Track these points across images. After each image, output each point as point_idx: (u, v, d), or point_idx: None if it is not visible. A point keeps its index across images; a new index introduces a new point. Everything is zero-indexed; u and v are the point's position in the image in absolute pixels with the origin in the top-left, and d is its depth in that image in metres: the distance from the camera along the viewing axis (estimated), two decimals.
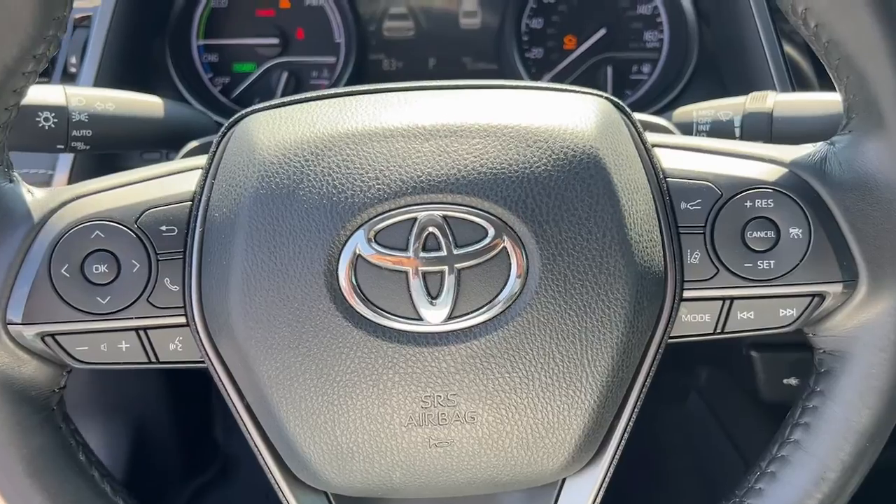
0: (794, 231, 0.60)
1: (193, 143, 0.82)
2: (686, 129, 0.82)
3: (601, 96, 0.62)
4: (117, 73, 0.99)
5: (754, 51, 1.03)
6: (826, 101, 0.76)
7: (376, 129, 0.57)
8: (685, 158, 0.62)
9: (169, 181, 0.61)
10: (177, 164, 0.63)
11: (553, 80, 1.20)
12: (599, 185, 0.57)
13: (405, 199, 0.56)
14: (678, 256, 0.60)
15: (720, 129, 0.79)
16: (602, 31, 1.18)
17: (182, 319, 0.58)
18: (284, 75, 1.16)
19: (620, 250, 0.57)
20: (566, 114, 0.59)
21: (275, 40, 1.15)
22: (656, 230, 0.60)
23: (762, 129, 0.76)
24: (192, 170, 0.62)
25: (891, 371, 0.59)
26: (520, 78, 1.16)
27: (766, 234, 0.60)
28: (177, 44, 1.13)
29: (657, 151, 0.63)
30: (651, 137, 0.64)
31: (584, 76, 1.20)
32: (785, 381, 1.16)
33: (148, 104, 0.85)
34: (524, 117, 0.58)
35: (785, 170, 0.61)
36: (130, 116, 0.82)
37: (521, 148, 0.57)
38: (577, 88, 0.59)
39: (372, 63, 1.20)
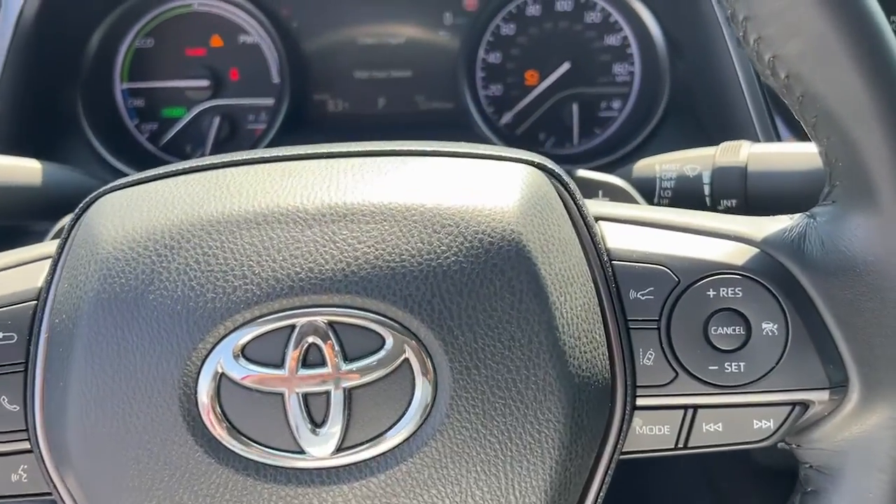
0: (768, 326, 0.49)
1: (67, 219, 0.71)
2: (648, 185, 0.71)
3: (530, 162, 0.51)
4: (12, 133, 0.88)
5: (730, 84, 0.92)
6: (811, 154, 0.65)
7: (246, 214, 0.47)
8: (635, 236, 0.51)
9: (9, 275, 0.50)
10: (24, 252, 0.52)
11: (515, 118, 1.10)
12: (524, 278, 0.46)
13: (280, 301, 0.45)
14: (628, 358, 0.50)
15: (686, 187, 0.68)
16: (566, 66, 1.07)
17: (26, 445, 0.48)
18: (217, 120, 1.06)
19: (552, 358, 0.46)
20: (483, 188, 0.48)
21: (205, 82, 1.05)
22: (599, 328, 0.49)
23: (735, 186, 0.66)
24: (42, 259, 0.51)
25: (890, 495, 0.48)
26: (478, 117, 1.05)
27: (734, 329, 0.49)
28: (93, 90, 1.02)
29: (602, 227, 0.52)
30: (594, 208, 0.53)
31: (549, 114, 1.10)
32: (779, 444, 1.05)
33: (19, 169, 0.74)
34: (431, 195, 0.47)
35: (755, 250, 0.50)
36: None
37: (427, 234, 0.46)
38: (500, 152, 0.48)
39: (315, 104, 1.10)
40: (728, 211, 0.67)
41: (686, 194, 0.69)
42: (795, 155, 0.66)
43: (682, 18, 1.01)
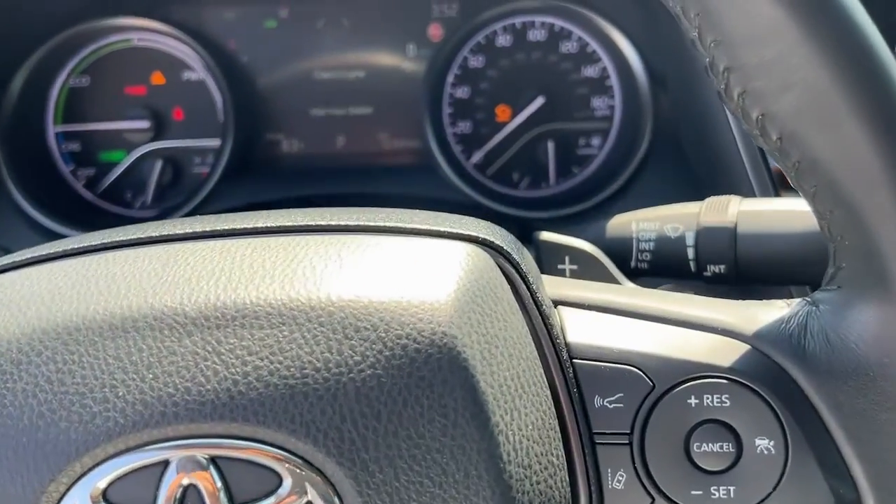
0: (763, 443, 0.40)
1: None
2: (623, 246, 0.62)
3: (471, 238, 0.42)
4: None
5: (719, 125, 0.84)
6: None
7: (111, 318, 0.37)
8: (601, 328, 0.42)
9: None
10: None
11: (486, 157, 1.01)
12: (459, 395, 0.37)
13: (149, 432, 0.36)
14: (594, 481, 0.41)
15: (668, 249, 0.59)
16: (540, 100, 0.99)
17: None
18: (159, 164, 0.97)
19: (495, 496, 0.37)
20: (410, 278, 0.39)
21: (146, 123, 0.96)
22: (557, 446, 0.40)
23: (722, 249, 0.57)
24: None
25: None
26: (441, 159, 0.96)
27: (722, 446, 0.40)
28: (18, 136, 0.93)
29: (561, 315, 0.43)
30: (553, 289, 0.44)
31: (522, 152, 1.01)
32: None
33: None
34: (343, 288, 0.38)
35: (746, 346, 0.41)
36: None
37: (336, 341, 0.37)
38: (434, 225, 0.39)
39: (267, 145, 1.01)
40: (715, 278, 0.58)
41: (667, 258, 0.60)
42: (794, 214, 0.57)
43: (665, 49, 0.93)
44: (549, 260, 0.63)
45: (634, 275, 0.62)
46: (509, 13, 0.97)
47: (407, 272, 0.39)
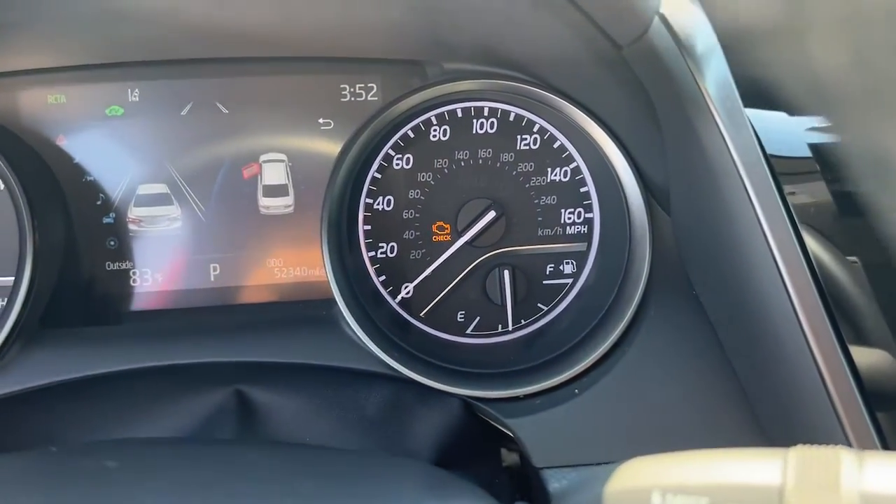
0: None
1: None
2: None
3: None
4: None
5: (753, 258, 0.56)
6: None
7: None
8: None
9: None
10: None
11: (419, 291, 0.73)
12: None
13: None
14: None
15: None
16: (490, 214, 0.71)
17: None
18: None
19: None
20: None
21: None
22: None
23: None
24: None
25: None
26: (346, 303, 0.67)
27: None
28: None
29: None
30: None
31: (469, 285, 0.73)
32: None
33: None
34: None
35: None
36: None
37: None
38: None
39: (94, 281, 0.71)
40: None
41: None
42: None
43: (665, 154, 0.65)
44: None
45: None
46: (448, 97, 0.70)
47: None
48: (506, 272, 0.73)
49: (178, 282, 0.73)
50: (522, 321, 0.75)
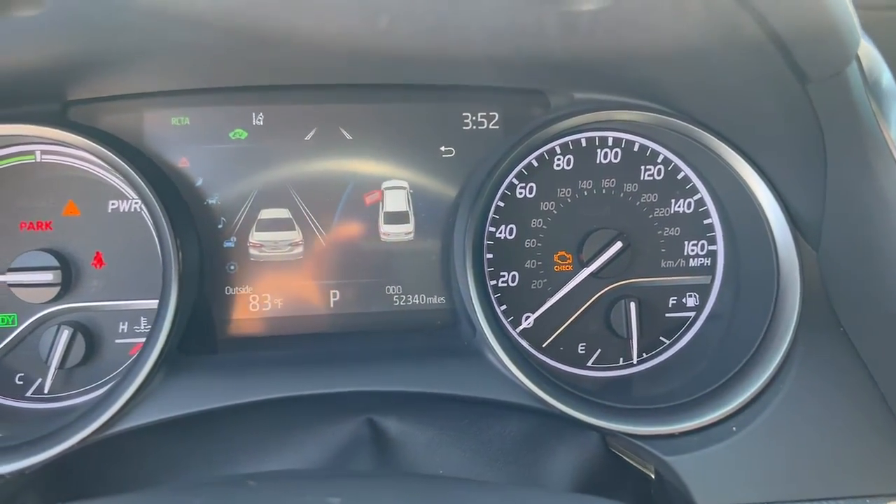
0: None
1: None
2: None
3: None
4: None
5: None
6: None
7: None
8: None
9: None
10: None
11: (540, 323, 0.71)
12: None
13: None
14: None
15: None
16: (617, 245, 0.70)
17: None
18: (65, 334, 0.66)
19: None
20: None
21: (47, 275, 0.66)
22: None
23: None
24: None
25: None
26: (487, 324, 0.66)
27: None
28: None
29: None
30: None
31: (590, 319, 0.72)
32: None
33: None
34: None
35: None
36: None
37: None
38: None
39: (226, 304, 0.70)
40: None
41: None
42: None
43: (827, 185, 0.63)
44: None
45: None
46: (572, 127, 0.69)
47: None
48: (632, 304, 0.71)
49: (297, 307, 0.72)
50: (644, 354, 0.73)
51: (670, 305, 0.73)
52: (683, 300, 0.73)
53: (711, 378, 0.65)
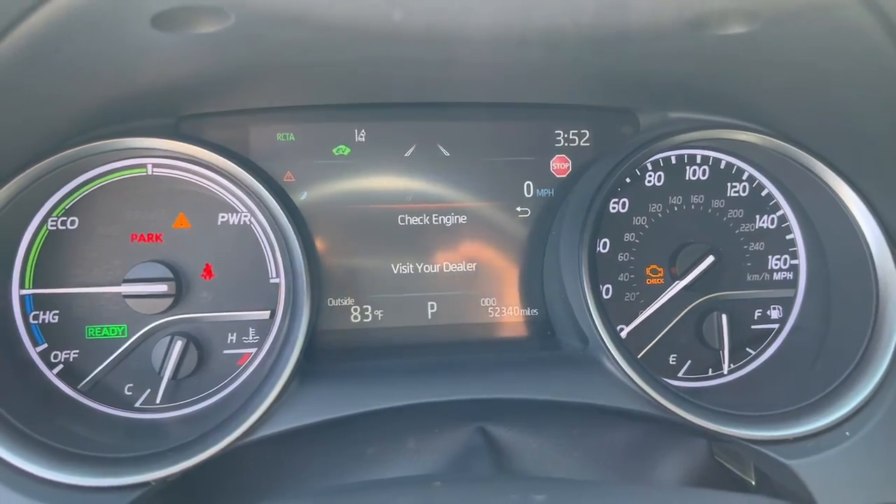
0: None
1: None
2: None
3: None
4: None
5: None
6: None
7: None
8: None
9: None
10: None
11: (634, 335, 0.73)
12: None
13: None
14: None
15: None
16: (709, 259, 0.72)
17: None
18: (178, 345, 0.66)
19: None
20: None
21: (161, 287, 0.66)
22: None
23: None
24: None
25: None
26: (609, 339, 0.67)
27: None
28: None
29: None
30: None
31: (681, 331, 0.74)
32: None
33: None
34: None
35: None
36: None
37: None
38: None
39: (330, 316, 0.71)
40: None
41: None
42: None
43: None
44: None
45: None
46: (663, 144, 0.71)
47: None
48: (723, 316, 0.73)
49: (397, 318, 0.73)
50: (732, 365, 0.75)
51: (756, 317, 0.76)
52: (768, 312, 0.76)
53: (815, 386, 0.67)
